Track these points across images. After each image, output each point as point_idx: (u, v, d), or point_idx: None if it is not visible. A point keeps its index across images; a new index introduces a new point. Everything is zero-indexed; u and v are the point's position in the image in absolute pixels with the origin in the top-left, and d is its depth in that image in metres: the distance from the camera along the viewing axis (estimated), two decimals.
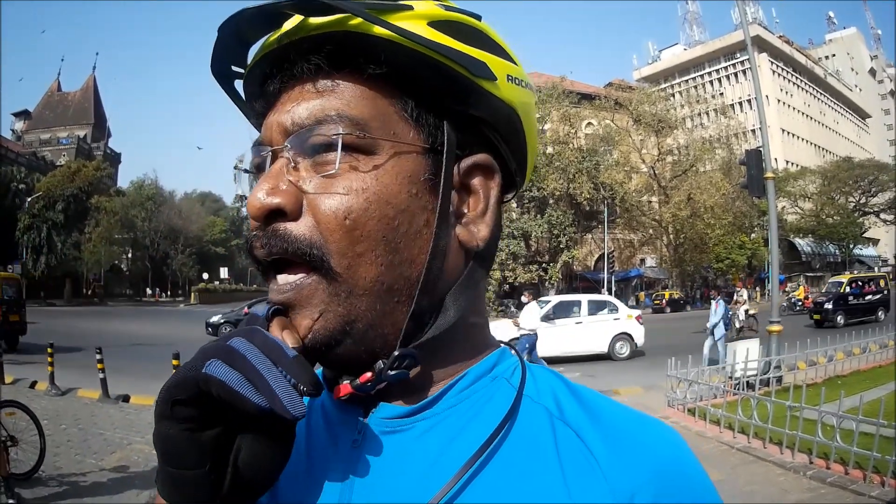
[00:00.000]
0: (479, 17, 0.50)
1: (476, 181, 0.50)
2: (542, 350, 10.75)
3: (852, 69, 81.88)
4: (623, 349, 12.97)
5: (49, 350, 8.56)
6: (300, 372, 0.40)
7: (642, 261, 39.63)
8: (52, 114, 62.09)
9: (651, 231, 38.43)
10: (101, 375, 7.91)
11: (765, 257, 35.89)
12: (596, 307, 13.50)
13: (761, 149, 9.59)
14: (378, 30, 0.43)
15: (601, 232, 33.99)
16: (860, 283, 20.72)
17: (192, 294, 46.91)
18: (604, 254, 32.44)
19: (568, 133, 33.28)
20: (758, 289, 38.81)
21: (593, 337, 12.78)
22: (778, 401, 5.82)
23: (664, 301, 31.42)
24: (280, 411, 0.38)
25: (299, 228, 0.45)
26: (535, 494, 0.43)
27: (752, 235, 41.93)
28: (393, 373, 0.45)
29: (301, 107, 0.46)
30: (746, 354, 8.13)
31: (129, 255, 50.09)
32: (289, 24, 0.46)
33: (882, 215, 51.46)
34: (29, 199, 39.43)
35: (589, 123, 36.42)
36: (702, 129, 40.22)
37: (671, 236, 37.27)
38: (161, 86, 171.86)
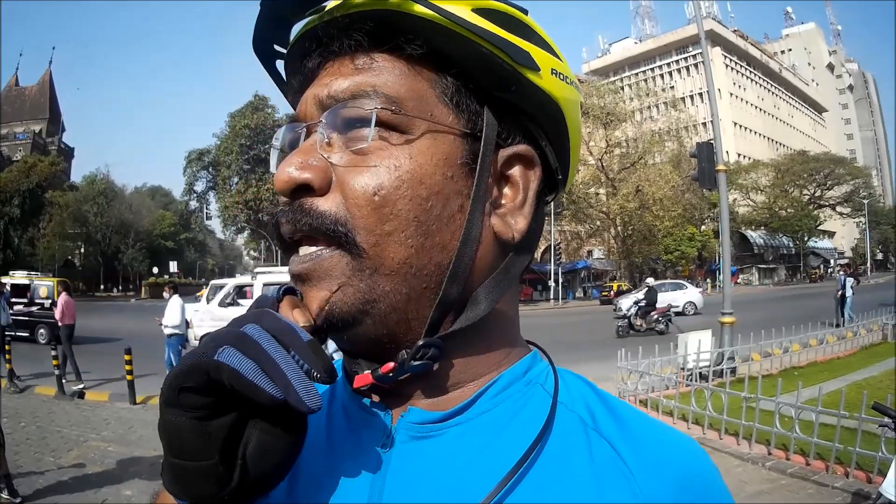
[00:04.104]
0: (525, 12, 0.49)
1: (515, 171, 0.49)
2: None
3: (809, 64, 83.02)
4: None
5: (7, 347, 8.51)
6: (313, 357, 0.38)
7: (589, 252, 40.02)
8: (10, 108, 61.01)
9: (598, 223, 38.79)
10: (56, 372, 7.96)
11: (716, 249, 36.39)
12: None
13: (713, 141, 9.60)
14: (419, 9, 0.43)
15: (548, 224, 34.18)
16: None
17: (143, 288, 46.78)
18: (550, 245, 32.70)
19: None
20: (709, 280, 39.39)
21: None
22: (733, 392, 5.68)
23: (612, 293, 31.64)
24: (295, 403, 0.36)
25: (326, 204, 0.44)
26: None
27: (703, 227, 42.48)
28: (416, 363, 0.44)
29: (337, 81, 0.46)
30: (698, 345, 7.94)
31: (82, 251, 49.56)
32: (331, 3, 0.46)
33: (838, 208, 52.47)
34: None
35: None
36: (651, 121, 40.69)
37: (619, 228, 37.70)
38: (113, 79, 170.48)
